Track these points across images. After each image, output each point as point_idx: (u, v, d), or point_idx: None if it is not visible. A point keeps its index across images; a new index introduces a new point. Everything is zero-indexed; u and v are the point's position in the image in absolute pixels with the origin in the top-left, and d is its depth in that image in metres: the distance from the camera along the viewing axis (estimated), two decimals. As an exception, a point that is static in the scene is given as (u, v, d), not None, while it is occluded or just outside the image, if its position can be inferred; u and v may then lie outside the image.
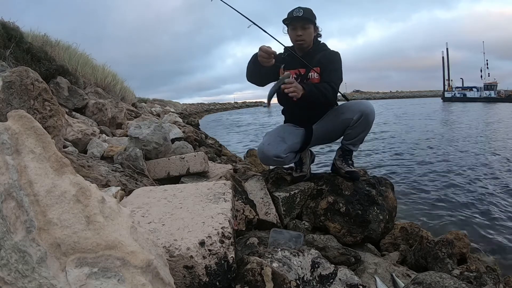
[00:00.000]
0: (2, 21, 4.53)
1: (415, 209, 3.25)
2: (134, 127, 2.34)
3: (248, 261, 0.97)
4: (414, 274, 1.37)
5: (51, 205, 0.58)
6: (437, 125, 12.49)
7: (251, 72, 1.86)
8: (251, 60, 1.81)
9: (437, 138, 8.46)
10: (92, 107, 3.84)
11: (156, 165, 2.23)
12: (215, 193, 1.26)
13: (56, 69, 4.04)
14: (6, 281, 0.55)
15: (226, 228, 0.96)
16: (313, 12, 1.86)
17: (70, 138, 2.46)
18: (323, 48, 1.93)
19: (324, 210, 1.74)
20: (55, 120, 1.63)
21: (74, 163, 1.73)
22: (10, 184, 0.59)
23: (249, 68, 1.85)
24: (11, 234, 0.56)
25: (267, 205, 1.74)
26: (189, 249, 0.86)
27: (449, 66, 52.19)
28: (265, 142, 1.87)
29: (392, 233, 1.87)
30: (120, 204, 0.77)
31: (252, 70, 1.84)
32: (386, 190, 1.90)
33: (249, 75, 1.89)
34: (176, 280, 0.83)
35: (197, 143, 4.78)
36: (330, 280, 1.15)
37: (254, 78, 1.90)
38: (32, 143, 0.63)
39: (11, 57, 3.73)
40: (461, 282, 1.13)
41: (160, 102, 20.85)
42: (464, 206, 3.27)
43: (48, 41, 5.61)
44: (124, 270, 0.57)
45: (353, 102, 1.90)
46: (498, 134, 8.92)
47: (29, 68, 1.61)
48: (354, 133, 1.84)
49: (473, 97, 41.22)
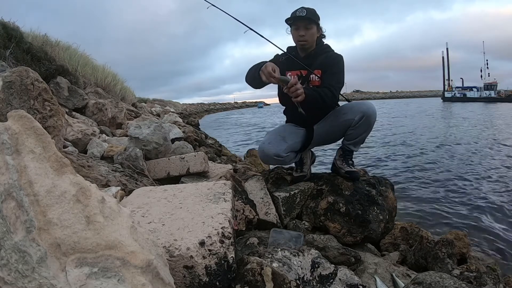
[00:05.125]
0: (2, 21, 4.52)
1: (415, 209, 3.26)
2: (134, 127, 2.34)
3: (248, 261, 0.97)
4: (414, 274, 1.37)
5: (51, 205, 0.58)
6: (438, 125, 12.49)
7: (251, 78, 1.86)
8: (254, 68, 1.82)
9: (438, 138, 8.46)
10: (92, 107, 3.84)
11: (156, 165, 2.23)
12: (215, 193, 1.26)
13: (56, 69, 4.04)
14: (6, 281, 0.55)
15: (226, 228, 0.96)
16: (316, 12, 1.85)
17: (70, 138, 2.46)
18: (326, 50, 1.91)
19: (324, 210, 1.74)
20: (55, 120, 1.63)
21: (74, 163, 1.73)
22: (10, 184, 0.59)
23: (250, 75, 1.86)
24: (11, 234, 0.56)
25: (267, 205, 1.73)
26: (189, 249, 0.86)
27: (449, 66, 52.23)
28: (266, 141, 1.87)
29: (392, 233, 1.87)
30: (120, 204, 0.77)
31: (252, 77, 1.85)
32: (386, 190, 1.90)
33: (249, 79, 1.90)
34: (176, 280, 0.83)
35: (197, 143, 4.78)
36: (330, 280, 1.15)
37: (253, 84, 1.90)
38: (32, 143, 0.63)
39: (11, 57, 3.73)
40: (461, 282, 1.13)
41: (160, 102, 20.85)
42: (464, 206, 3.28)
43: (48, 41, 5.61)
44: (124, 270, 0.57)
45: (354, 103, 1.89)
46: (498, 134, 8.92)
47: (29, 68, 1.60)
48: (356, 134, 1.84)
49: (473, 97, 41.25)
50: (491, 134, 9.09)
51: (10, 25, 4.52)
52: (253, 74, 1.82)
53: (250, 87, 1.94)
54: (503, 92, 38.34)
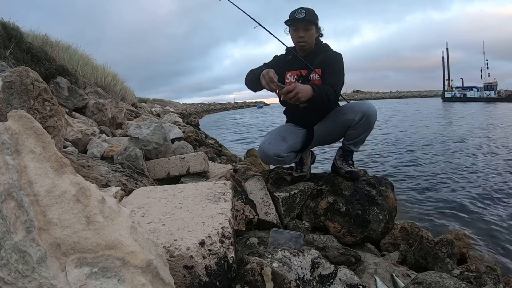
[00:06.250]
0: (2, 21, 4.52)
1: (415, 209, 3.26)
2: (134, 127, 2.34)
3: (248, 261, 0.97)
4: (414, 274, 1.37)
5: (51, 205, 0.58)
6: (438, 125, 12.49)
7: (251, 81, 1.89)
8: (254, 72, 1.85)
9: (438, 138, 8.46)
10: (92, 107, 3.84)
11: (156, 165, 2.23)
12: (215, 193, 1.26)
13: (56, 69, 4.04)
14: (6, 281, 0.55)
15: (226, 228, 0.96)
16: (315, 13, 1.85)
17: (70, 138, 2.46)
18: (325, 49, 1.92)
19: (324, 210, 1.74)
20: (55, 120, 1.63)
21: (74, 163, 1.73)
22: (10, 184, 0.59)
23: (250, 78, 1.89)
24: (11, 234, 0.56)
25: (267, 205, 1.73)
26: (189, 249, 0.86)
27: (449, 66, 52.26)
28: (266, 141, 1.87)
29: (392, 233, 1.87)
30: (120, 204, 0.77)
31: (251, 80, 1.88)
32: (386, 190, 1.90)
33: (248, 82, 1.92)
34: (176, 280, 0.83)
35: (197, 143, 4.78)
36: (330, 280, 1.15)
37: (252, 87, 1.92)
38: (32, 143, 0.63)
39: (11, 57, 3.73)
40: (461, 282, 1.13)
41: (160, 102, 20.86)
42: (464, 206, 3.27)
43: (48, 41, 5.61)
44: (124, 270, 0.57)
45: (355, 103, 1.89)
46: (499, 135, 8.92)
47: (29, 68, 1.60)
48: (356, 134, 1.84)
49: (473, 97, 41.28)
50: (492, 134, 9.09)
51: (10, 25, 4.52)
52: (252, 78, 1.84)
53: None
54: (503, 92, 38.36)
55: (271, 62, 1.99)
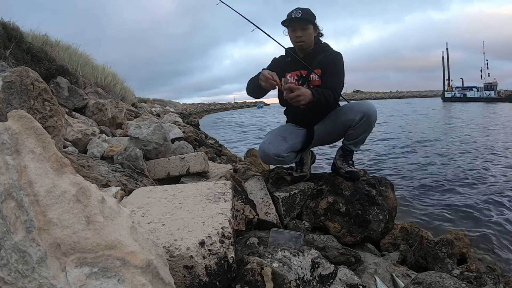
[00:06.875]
0: (2, 21, 4.52)
1: (415, 209, 3.26)
2: (134, 127, 2.34)
3: (248, 261, 0.97)
4: (414, 274, 1.37)
5: (51, 205, 0.58)
6: (438, 125, 12.49)
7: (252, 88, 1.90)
8: (253, 79, 1.86)
9: (438, 138, 8.46)
10: (92, 107, 3.84)
11: (156, 165, 2.23)
12: (215, 193, 1.26)
13: (56, 69, 4.04)
14: (6, 281, 0.55)
15: (226, 228, 0.96)
16: (312, 12, 1.85)
17: (70, 138, 2.46)
18: (325, 49, 1.91)
19: (324, 210, 1.74)
20: (55, 120, 1.63)
21: (74, 163, 1.73)
22: (10, 184, 0.59)
23: (251, 85, 1.89)
24: (11, 234, 0.56)
25: (267, 205, 1.73)
26: (189, 249, 0.86)
27: (449, 66, 52.26)
28: (266, 141, 1.87)
29: (392, 233, 1.87)
30: (120, 204, 0.77)
31: (252, 86, 1.88)
32: (386, 190, 1.90)
33: (250, 90, 1.93)
34: (176, 280, 0.83)
35: (197, 143, 4.78)
36: (330, 280, 1.15)
37: (254, 93, 1.93)
38: (32, 143, 0.63)
39: (11, 57, 3.73)
40: (461, 282, 1.13)
41: (160, 102, 20.86)
42: (464, 207, 3.27)
43: (48, 41, 5.60)
44: (124, 270, 0.57)
45: (355, 103, 1.89)
46: (499, 135, 8.92)
47: (29, 68, 1.60)
48: (356, 134, 1.84)
49: (473, 97, 41.28)
50: (492, 134, 9.09)
51: (10, 25, 4.52)
52: (253, 83, 1.85)
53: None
54: (503, 92, 38.35)
55: (270, 65, 2.00)
